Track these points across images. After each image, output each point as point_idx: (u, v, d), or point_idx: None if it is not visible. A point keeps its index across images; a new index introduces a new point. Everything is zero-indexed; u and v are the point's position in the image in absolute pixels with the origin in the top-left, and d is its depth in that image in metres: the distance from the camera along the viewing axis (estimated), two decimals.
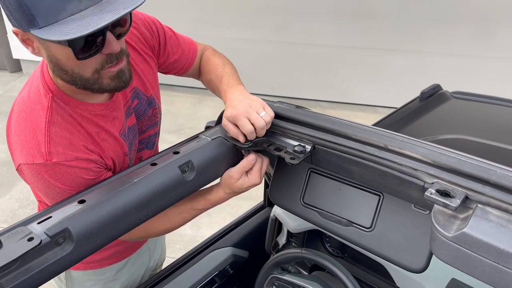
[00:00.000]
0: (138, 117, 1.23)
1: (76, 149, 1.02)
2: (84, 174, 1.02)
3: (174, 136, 4.04)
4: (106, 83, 0.99)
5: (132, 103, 1.20)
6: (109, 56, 0.95)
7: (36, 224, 0.84)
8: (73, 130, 1.04)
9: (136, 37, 1.21)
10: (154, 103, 1.27)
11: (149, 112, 1.26)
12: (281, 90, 4.67)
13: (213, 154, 1.09)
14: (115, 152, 1.13)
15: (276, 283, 1.33)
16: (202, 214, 1.21)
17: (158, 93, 1.31)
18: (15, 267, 0.77)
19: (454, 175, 0.87)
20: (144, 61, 1.23)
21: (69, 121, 1.04)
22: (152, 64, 1.27)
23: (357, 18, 4.34)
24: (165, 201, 0.99)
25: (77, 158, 1.01)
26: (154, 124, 1.30)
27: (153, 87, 1.27)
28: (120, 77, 1.00)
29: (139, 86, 1.22)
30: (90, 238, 0.87)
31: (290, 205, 1.23)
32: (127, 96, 1.18)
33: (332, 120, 1.09)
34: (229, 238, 1.60)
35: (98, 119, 1.08)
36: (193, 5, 4.61)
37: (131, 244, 1.44)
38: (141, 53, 1.23)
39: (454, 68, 4.28)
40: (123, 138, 1.15)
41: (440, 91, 2.17)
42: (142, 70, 1.23)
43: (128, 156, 1.19)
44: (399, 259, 1.04)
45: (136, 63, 1.21)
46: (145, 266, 1.55)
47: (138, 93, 1.22)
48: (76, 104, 1.05)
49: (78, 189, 0.99)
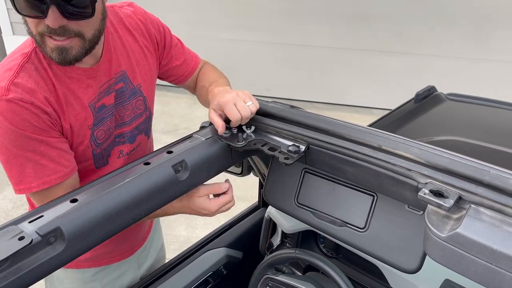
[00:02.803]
0: (119, 101, 1.22)
1: (35, 96, 1.03)
2: (34, 120, 1.02)
3: (169, 136, 4.03)
4: (49, 50, 1.00)
5: (116, 84, 1.20)
6: (50, 28, 0.96)
7: (27, 223, 0.83)
8: (40, 82, 1.05)
9: (140, 30, 1.27)
10: (139, 94, 1.26)
11: (132, 102, 1.25)
12: (276, 91, 4.67)
13: (207, 153, 1.08)
14: (77, 119, 1.12)
15: (270, 284, 1.32)
16: (196, 215, 1.21)
17: (149, 88, 1.30)
18: (5, 267, 0.76)
19: (448, 176, 0.87)
20: (141, 52, 1.26)
21: (41, 73, 1.06)
22: (149, 59, 1.29)
23: (352, 20, 4.35)
24: (158, 201, 0.99)
25: (32, 102, 1.01)
26: (137, 116, 1.27)
27: (144, 79, 1.27)
28: (60, 54, 1.00)
29: (128, 72, 1.23)
30: (82, 238, 0.86)
31: (284, 205, 1.23)
32: (111, 75, 1.18)
33: (326, 120, 1.09)
34: (223, 238, 1.59)
35: (71, 81, 1.09)
36: (189, 7, 4.60)
37: (113, 252, 1.40)
38: (140, 44, 1.26)
39: (449, 70, 4.30)
40: (91, 109, 1.14)
41: (434, 92, 2.18)
42: (137, 59, 1.25)
43: (92, 130, 1.15)
44: (392, 260, 1.04)
45: (132, 50, 1.24)
46: (132, 273, 1.51)
47: (125, 78, 1.22)
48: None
49: (25, 134, 1.01)
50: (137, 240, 1.48)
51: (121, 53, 1.21)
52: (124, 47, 1.22)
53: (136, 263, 1.52)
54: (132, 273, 1.51)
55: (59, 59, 1.01)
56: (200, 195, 1.12)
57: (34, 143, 1.03)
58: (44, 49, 1.01)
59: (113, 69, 1.19)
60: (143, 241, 1.52)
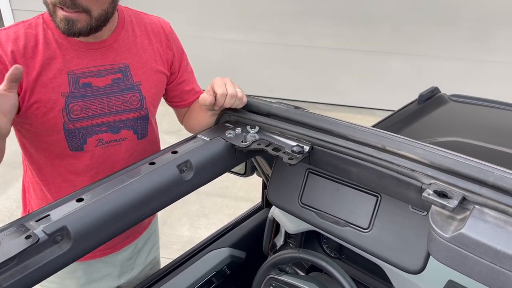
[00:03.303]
0: (111, 90, 1.22)
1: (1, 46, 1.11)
2: None
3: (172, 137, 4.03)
4: (57, 20, 1.10)
5: (114, 74, 1.22)
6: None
7: (34, 222, 0.83)
8: (20, 39, 1.13)
9: (159, 37, 1.32)
10: (136, 91, 1.26)
11: (127, 96, 1.25)
12: (279, 92, 4.68)
13: (211, 154, 1.09)
14: (50, 82, 1.15)
15: (273, 284, 1.32)
16: (199, 215, 1.21)
17: (151, 91, 1.30)
18: (12, 265, 0.77)
19: (452, 176, 0.88)
20: (152, 56, 1.30)
21: (28, 33, 1.14)
22: (159, 65, 1.31)
23: (356, 21, 4.36)
24: (163, 200, 0.99)
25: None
26: (128, 110, 1.27)
27: (147, 79, 1.28)
28: (66, 24, 1.09)
29: (131, 66, 1.25)
30: (88, 237, 0.86)
31: (288, 206, 1.23)
32: (111, 61, 1.22)
33: (330, 120, 1.09)
34: (227, 238, 1.60)
35: (58, 46, 1.16)
36: (194, 8, 4.62)
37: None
38: (154, 49, 1.31)
39: (452, 71, 4.29)
40: (70, 79, 1.17)
41: (438, 94, 2.18)
42: (146, 60, 1.28)
43: (65, 100, 1.17)
44: (396, 260, 1.04)
45: (144, 50, 1.28)
46: (111, 280, 1.49)
47: (125, 70, 1.24)
48: (53, 28, 1.15)
49: None
50: (121, 237, 1.42)
51: (130, 48, 1.25)
52: (135, 45, 1.26)
53: (118, 270, 1.49)
54: (111, 280, 1.48)
55: (65, 29, 1.10)
56: None
57: None
58: (55, 18, 1.10)
59: (115, 57, 1.22)
60: (128, 242, 1.47)
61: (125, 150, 1.30)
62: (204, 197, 3.31)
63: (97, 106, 1.21)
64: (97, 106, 1.21)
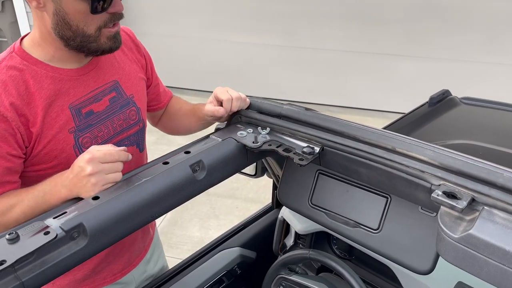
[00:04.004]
0: (112, 111, 1.21)
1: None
2: None
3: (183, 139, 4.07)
4: (103, 42, 1.09)
5: (109, 94, 1.21)
6: (113, 15, 1.07)
7: (52, 219, 0.86)
8: (9, 84, 1.04)
9: (128, 45, 1.31)
10: (132, 105, 1.27)
11: (126, 112, 1.25)
12: (290, 94, 4.69)
13: (223, 154, 1.11)
14: (56, 122, 1.10)
15: (283, 284, 1.34)
16: (210, 216, 1.22)
17: (141, 100, 1.31)
18: (31, 260, 0.80)
19: (461, 177, 0.88)
20: (131, 65, 1.30)
21: (13, 75, 1.05)
22: (139, 73, 1.32)
23: (366, 23, 4.35)
24: (176, 199, 1.01)
25: None
26: (129, 127, 1.27)
27: (137, 90, 1.28)
28: (116, 38, 1.11)
29: (121, 82, 1.24)
30: (104, 234, 0.89)
31: (298, 206, 1.24)
32: (101, 82, 1.19)
33: (340, 122, 1.11)
34: (237, 238, 1.61)
35: (52, 81, 1.09)
36: (204, 11, 4.65)
37: (105, 270, 1.35)
38: (129, 58, 1.30)
39: (464, 74, 4.27)
40: (73, 112, 1.13)
41: (449, 96, 2.18)
42: (128, 71, 1.28)
43: (74, 135, 1.13)
44: (405, 261, 1.05)
45: (123, 61, 1.27)
46: None
47: (117, 87, 1.23)
48: (35, 62, 1.09)
49: None
50: (135, 253, 1.43)
51: (112, 64, 1.24)
52: (115, 59, 1.25)
53: (134, 286, 1.47)
54: None
55: (116, 43, 1.11)
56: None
57: None
58: (98, 43, 1.09)
59: (104, 77, 1.20)
60: (143, 255, 1.47)
61: (128, 168, 1.22)
62: (214, 198, 3.34)
63: (103, 132, 1.20)
64: (104, 132, 1.20)
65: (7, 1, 4.94)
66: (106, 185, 0.96)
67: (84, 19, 1.03)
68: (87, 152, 0.98)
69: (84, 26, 1.04)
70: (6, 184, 1.07)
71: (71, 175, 0.97)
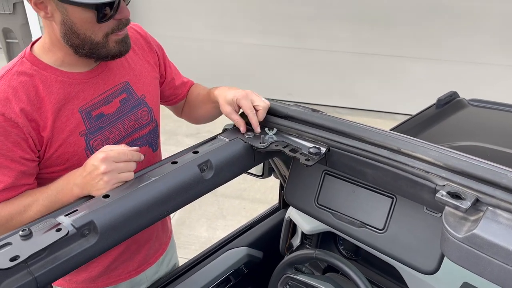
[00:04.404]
0: (123, 112, 1.22)
1: (7, 106, 1.04)
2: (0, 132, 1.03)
3: (191, 139, 4.10)
4: (112, 47, 1.10)
5: (119, 95, 1.22)
6: (119, 21, 1.08)
7: (63, 216, 0.88)
8: (19, 90, 1.06)
9: (139, 44, 1.31)
10: (144, 105, 1.28)
11: (137, 112, 1.26)
12: (299, 95, 4.70)
13: (231, 154, 1.13)
14: (66, 125, 1.11)
15: (289, 283, 1.35)
16: (217, 216, 1.22)
17: (154, 100, 1.32)
18: (43, 256, 0.82)
19: (465, 178, 0.89)
20: (143, 64, 1.30)
21: (23, 81, 1.07)
22: (152, 72, 1.32)
23: (375, 25, 4.35)
24: (184, 198, 1.03)
25: (3, 114, 1.04)
26: (141, 127, 1.28)
27: (148, 90, 1.29)
28: (125, 42, 1.12)
29: (131, 82, 1.25)
30: (113, 231, 0.91)
31: (304, 206, 1.26)
32: (111, 84, 1.20)
33: (346, 123, 1.12)
34: (244, 238, 1.63)
35: (61, 85, 1.11)
36: (214, 12, 4.68)
37: (120, 267, 1.37)
38: (140, 57, 1.30)
39: (472, 76, 4.25)
40: (83, 115, 1.14)
41: (457, 98, 2.17)
42: (139, 71, 1.28)
43: (86, 138, 1.15)
44: (410, 261, 1.06)
45: (134, 62, 1.27)
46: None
47: (128, 88, 1.24)
48: (45, 67, 1.11)
49: None
50: (151, 252, 1.45)
51: (122, 64, 1.24)
52: (125, 59, 1.25)
53: (145, 285, 1.48)
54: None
55: (125, 47, 1.12)
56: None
57: None
58: (106, 49, 1.10)
59: (114, 79, 1.21)
60: (159, 254, 1.49)
61: (141, 168, 1.27)
62: (222, 198, 3.36)
63: (115, 133, 1.21)
64: (115, 134, 1.21)
65: (18, 3, 5.01)
66: (117, 184, 0.98)
67: (91, 27, 1.05)
68: (101, 151, 1.00)
69: (91, 34, 1.06)
70: (22, 186, 1.10)
71: (84, 172, 0.99)
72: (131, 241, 1.33)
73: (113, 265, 1.34)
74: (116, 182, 0.98)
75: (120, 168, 0.98)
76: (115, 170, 0.97)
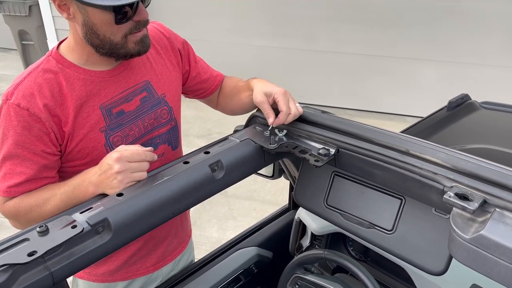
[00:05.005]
0: (142, 110, 1.25)
1: (32, 102, 1.10)
2: (20, 127, 1.09)
3: (202, 140, 4.13)
4: (131, 47, 1.14)
5: (140, 94, 1.25)
6: (138, 22, 1.11)
7: (79, 214, 0.91)
8: (43, 87, 1.12)
9: (163, 44, 1.34)
10: (164, 104, 1.30)
11: (157, 111, 1.28)
12: (309, 97, 4.71)
13: (241, 154, 1.14)
14: (87, 121, 1.16)
15: (299, 283, 1.36)
16: (228, 217, 1.23)
17: (174, 99, 1.34)
18: (59, 252, 0.85)
19: (473, 180, 0.90)
20: (164, 64, 1.32)
21: (48, 78, 1.13)
22: (173, 71, 1.35)
23: (386, 27, 4.35)
24: (196, 197, 1.06)
25: (27, 109, 1.09)
26: (161, 125, 1.30)
27: (169, 89, 1.32)
28: (144, 42, 1.15)
29: (152, 82, 1.28)
30: (127, 229, 0.93)
31: (314, 207, 1.27)
32: (132, 82, 1.24)
33: (355, 124, 1.13)
34: (254, 238, 1.65)
35: (83, 83, 1.15)
36: (225, 15, 4.72)
37: (139, 263, 1.40)
38: (163, 57, 1.33)
39: (484, 78, 4.22)
40: (103, 112, 1.18)
41: (468, 101, 2.17)
42: (161, 70, 1.31)
43: (105, 134, 1.18)
44: (419, 261, 1.07)
45: (155, 61, 1.30)
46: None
47: (148, 87, 1.27)
48: (69, 65, 1.16)
49: (6, 141, 1.09)
50: (169, 249, 1.48)
51: (144, 64, 1.27)
52: (147, 59, 1.28)
53: (160, 282, 1.50)
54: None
55: (144, 47, 1.15)
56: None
57: (17, 149, 1.10)
58: (125, 49, 1.13)
59: (135, 77, 1.24)
60: (178, 252, 1.51)
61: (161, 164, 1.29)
62: (232, 199, 3.38)
63: (134, 130, 1.24)
64: (135, 131, 1.24)
65: (34, 5, 5.10)
66: (131, 183, 1.01)
67: (110, 28, 1.09)
68: (116, 151, 1.03)
69: (110, 35, 1.10)
70: (44, 179, 1.15)
71: (99, 171, 1.03)
72: (149, 237, 1.36)
73: (131, 259, 1.38)
74: (129, 181, 1.01)
75: (133, 167, 1.01)
76: (129, 169, 1.00)
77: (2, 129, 1.11)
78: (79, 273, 1.30)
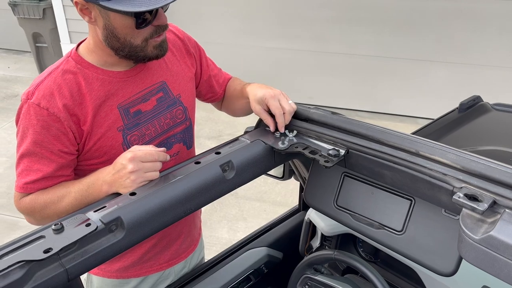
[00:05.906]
0: (159, 110, 1.28)
1: (51, 102, 1.13)
2: (39, 126, 1.12)
3: (213, 141, 4.15)
4: (150, 51, 1.16)
5: (156, 94, 1.28)
6: (157, 27, 1.14)
7: (92, 212, 0.93)
8: (63, 86, 1.15)
9: (177, 46, 1.36)
10: (179, 104, 1.33)
11: (172, 111, 1.31)
12: (320, 99, 4.71)
13: (252, 155, 1.16)
14: (105, 120, 1.18)
15: (308, 283, 1.37)
16: (238, 218, 1.24)
17: (189, 99, 1.37)
18: (74, 249, 0.87)
19: (483, 181, 0.90)
20: (179, 65, 1.35)
21: (67, 78, 1.16)
22: (188, 72, 1.37)
23: (397, 29, 4.33)
24: (206, 197, 1.07)
25: (47, 108, 1.12)
26: (176, 125, 1.32)
27: (184, 90, 1.35)
28: (162, 46, 1.18)
29: (168, 82, 1.31)
30: (139, 227, 0.95)
31: (323, 207, 1.28)
32: (149, 83, 1.26)
33: (365, 125, 1.14)
34: (264, 239, 1.66)
35: (101, 83, 1.18)
36: (235, 17, 4.74)
37: (153, 259, 1.43)
38: (178, 58, 1.35)
39: (496, 80, 4.18)
40: (121, 111, 1.21)
41: (480, 102, 2.16)
42: (176, 71, 1.34)
43: (123, 134, 1.21)
44: (429, 262, 1.07)
45: (171, 62, 1.33)
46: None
47: (164, 88, 1.30)
48: (88, 66, 1.19)
49: (25, 139, 1.13)
50: (183, 247, 1.50)
51: (160, 65, 1.30)
52: (163, 60, 1.30)
53: (172, 280, 1.52)
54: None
55: (162, 51, 1.18)
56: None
57: (35, 148, 1.14)
58: (144, 52, 1.16)
59: (152, 78, 1.27)
60: (191, 251, 1.53)
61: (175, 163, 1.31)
62: (243, 201, 3.39)
63: (151, 130, 1.26)
64: (151, 130, 1.27)
65: (48, 8, 5.17)
66: (144, 182, 1.03)
67: (130, 32, 1.11)
68: (129, 151, 1.06)
69: (131, 38, 1.13)
70: (59, 177, 1.18)
71: (113, 171, 1.05)
72: (163, 235, 1.39)
73: (146, 256, 1.40)
74: (142, 181, 1.03)
75: (146, 167, 1.03)
76: (142, 169, 1.03)
77: (22, 127, 1.15)
78: (93, 270, 1.33)
